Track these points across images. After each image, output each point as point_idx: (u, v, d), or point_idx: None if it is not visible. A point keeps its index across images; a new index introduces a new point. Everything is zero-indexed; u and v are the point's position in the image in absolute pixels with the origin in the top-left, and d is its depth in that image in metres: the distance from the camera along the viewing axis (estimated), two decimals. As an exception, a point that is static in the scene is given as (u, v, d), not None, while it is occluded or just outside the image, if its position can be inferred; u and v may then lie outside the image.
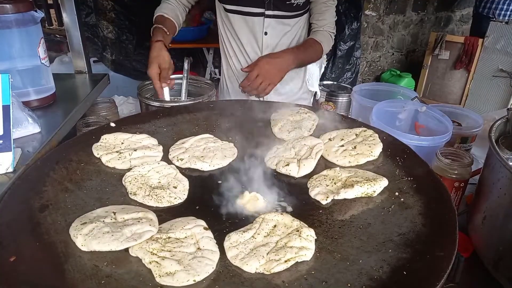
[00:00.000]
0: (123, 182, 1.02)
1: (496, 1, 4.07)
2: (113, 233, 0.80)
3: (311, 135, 1.27)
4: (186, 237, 0.83)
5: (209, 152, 1.16)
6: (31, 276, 0.72)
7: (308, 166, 1.09)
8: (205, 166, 1.11)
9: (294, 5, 1.72)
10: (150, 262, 0.76)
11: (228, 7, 1.75)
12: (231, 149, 1.20)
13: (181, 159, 1.14)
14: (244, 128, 1.30)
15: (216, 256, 0.79)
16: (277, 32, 1.76)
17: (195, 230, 0.84)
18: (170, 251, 0.79)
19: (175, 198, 0.97)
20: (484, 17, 4.18)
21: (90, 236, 0.79)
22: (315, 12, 1.79)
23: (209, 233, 0.84)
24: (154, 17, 1.76)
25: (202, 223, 0.87)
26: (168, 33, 1.68)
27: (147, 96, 1.76)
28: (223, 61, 1.97)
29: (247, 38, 1.79)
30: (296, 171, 1.08)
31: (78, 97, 1.57)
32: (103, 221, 0.84)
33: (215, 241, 0.83)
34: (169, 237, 0.83)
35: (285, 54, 1.66)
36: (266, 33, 1.75)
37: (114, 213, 0.87)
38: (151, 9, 1.80)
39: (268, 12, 1.71)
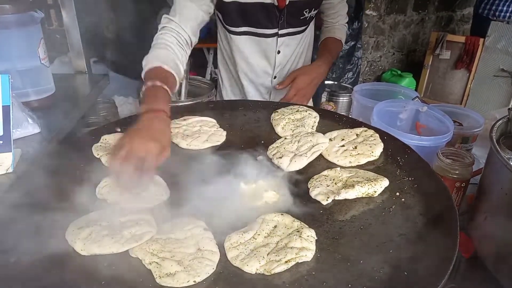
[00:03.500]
0: (123, 183, 1.01)
1: (496, 2, 4.06)
2: (112, 236, 0.80)
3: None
4: (186, 237, 0.83)
5: (195, 133, 1.20)
6: (31, 278, 0.72)
7: (298, 163, 1.10)
8: (183, 143, 1.16)
9: (308, 18, 1.64)
10: (150, 263, 0.76)
11: (237, 29, 1.60)
12: (219, 137, 1.22)
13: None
14: (245, 128, 1.29)
15: (216, 257, 0.79)
16: (290, 48, 1.69)
17: (195, 230, 0.84)
18: (170, 251, 0.79)
19: (161, 195, 0.96)
20: (485, 17, 4.17)
21: (89, 240, 0.79)
22: (328, 8, 1.74)
23: (209, 234, 0.84)
24: (147, 66, 1.27)
25: (202, 223, 0.87)
26: (171, 95, 1.23)
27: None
28: (225, 77, 1.83)
29: (256, 59, 1.68)
30: (286, 165, 1.09)
31: (78, 98, 1.57)
32: (100, 224, 0.84)
33: (215, 242, 0.82)
34: (169, 238, 0.82)
35: (320, 67, 1.60)
36: (279, 52, 1.67)
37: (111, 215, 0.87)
38: (151, 8, 1.78)
39: (281, 32, 1.61)
